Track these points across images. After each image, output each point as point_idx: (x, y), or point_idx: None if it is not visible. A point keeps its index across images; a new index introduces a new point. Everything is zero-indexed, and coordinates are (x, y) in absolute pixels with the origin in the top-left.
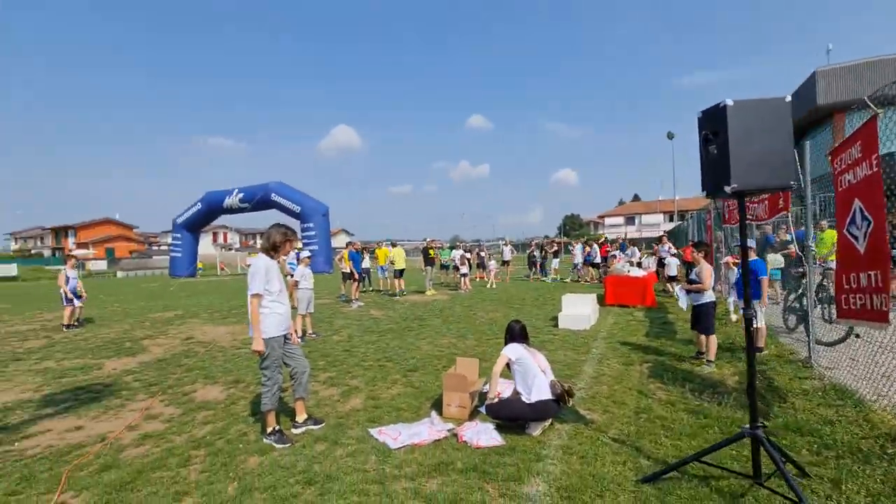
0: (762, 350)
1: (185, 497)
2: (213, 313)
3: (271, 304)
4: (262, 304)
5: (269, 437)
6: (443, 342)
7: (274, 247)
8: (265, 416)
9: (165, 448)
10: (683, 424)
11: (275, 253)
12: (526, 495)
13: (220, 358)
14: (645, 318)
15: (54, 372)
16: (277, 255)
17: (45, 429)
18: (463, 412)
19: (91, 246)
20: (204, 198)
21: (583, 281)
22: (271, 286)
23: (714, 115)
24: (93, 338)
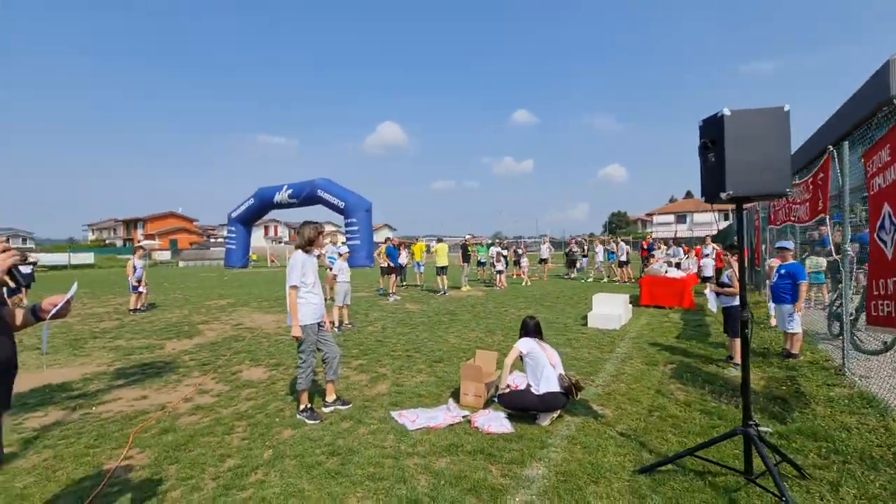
0: (797, 356)
1: (228, 459)
2: (261, 302)
3: (306, 295)
4: (298, 294)
5: (301, 414)
6: (470, 336)
7: (309, 242)
8: (300, 395)
9: (214, 418)
10: (694, 424)
11: (310, 247)
12: (525, 476)
13: (265, 343)
14: (680, 319)
15: (124, 350)
16: (312, 250)
17: (117, 397)
18: (478, 401)
19: (157, 237)
20: (256, 193)
21: (621, 280)
22: (307, 279)
23: (712, 123)
24: (157, 321)
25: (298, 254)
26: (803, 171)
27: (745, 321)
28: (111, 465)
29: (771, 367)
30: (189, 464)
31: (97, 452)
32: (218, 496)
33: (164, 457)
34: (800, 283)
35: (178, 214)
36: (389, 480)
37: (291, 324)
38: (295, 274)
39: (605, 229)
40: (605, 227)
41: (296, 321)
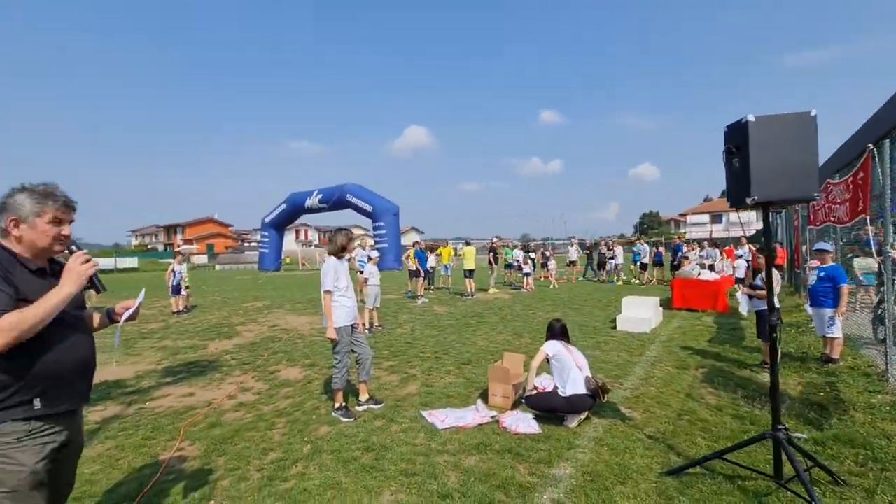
0: (836, 361)
1: (271, 452)
2: (294, 304)
3: (340, 299)
4: (332, 298)
5: (336, 412)
6: (498, 339)
7: (342, 248)
8: (335, 394)
9: (256, 414)
10: (725, 428)
11: (342, 253)
12: (552, 476)
13: (300, 344)
14: (714, 323)
15: (171, 349)
16: (343, 256)
17: (167, 393)
18: (506, 402)
19: (195, 242)
20: (288, 198)
21: (653, 282)
22: (340, 283)
23: (737, 130)
24: (199, 322)
25: (331, 259)
26: (844, 169)
27: (773, 325)
28: (166, 455)
29: (809, 372)
30: (235, 456)
31: (153, 444)
32: (263, 486)
33: (213, 449)
34: (840, 286)
35: (214, 220)
36: (421, 476)
37: (327, 326)
38: (328, 279)
39: (636, 230)
40: (635, 227)
41: (331, 323)
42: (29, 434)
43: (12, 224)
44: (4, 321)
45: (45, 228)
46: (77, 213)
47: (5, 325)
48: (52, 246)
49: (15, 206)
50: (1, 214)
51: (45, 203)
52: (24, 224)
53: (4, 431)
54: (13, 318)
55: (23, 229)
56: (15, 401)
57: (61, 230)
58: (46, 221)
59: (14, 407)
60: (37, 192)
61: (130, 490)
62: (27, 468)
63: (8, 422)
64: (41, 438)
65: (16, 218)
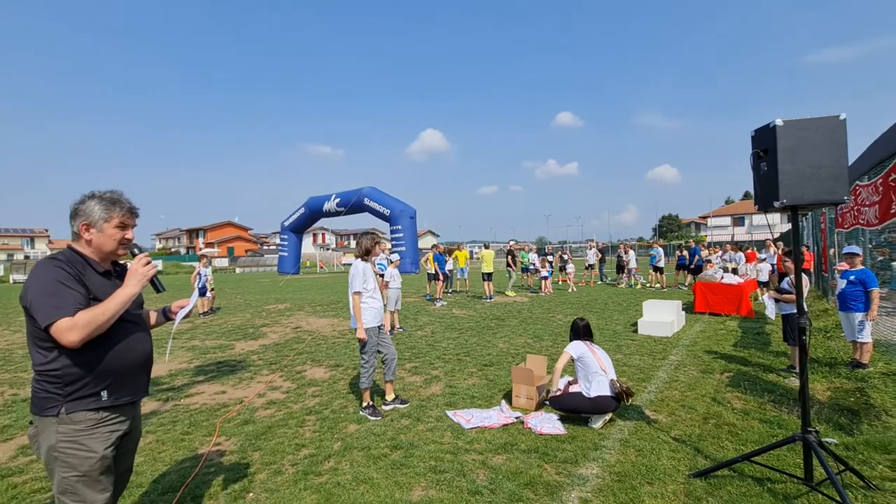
0: (866, 366)
1: (303, 448)
2: (315, 307)
3: (368, 300)
4: (361, 299)
5: (364, 411)
6: (518, 342)
7: (367, 251)
8: (362, 393)
9: (286, 412)
10: (752, 432)
11: (367, 257)
12: (579, 475)
13: (323, 345)
14: (738, 328)
15: (200, 349)
16: (369, 259)
17: (200, 391)
18: (531, 403)
19: (216, 245)
20: (307, 203)
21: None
22: (368, 285)
23: (764, 134)
24: (224, 324)
25: (358, 262)
26: (873, 171)
27: (802, 328)
28: (204, 449)
29: (838, 377)
30: (270, 451)
31: (191, 438)
32: (298, 480)
33: (248, 444)
34: (871, 290)
35: (234, 224)
36: (450, 473)
37: (356, 326)
38: (357, 281)
39: (655, 233)
40: (654, 230)
41: (360, 324)
42: (98, 423)
43: (84, 228)
44: (80, 318)
45: (112, 233)
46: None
47: (81, 322)
48: (117, 249)
49: (86, 211)
50: (74, 219)
51: (113, 209)
52: (94, 228)
53: (77, 420)
54: (87, 315)
55: (93, 233)
56: (85, 392)
57: (125, 234)
58: (113, 226)
59: (85, 398)
60: (105, 199)
61: (173, 481)
62: (98, 454)
63: (80, 411)
64: (109, 427)
65: (87, 223)
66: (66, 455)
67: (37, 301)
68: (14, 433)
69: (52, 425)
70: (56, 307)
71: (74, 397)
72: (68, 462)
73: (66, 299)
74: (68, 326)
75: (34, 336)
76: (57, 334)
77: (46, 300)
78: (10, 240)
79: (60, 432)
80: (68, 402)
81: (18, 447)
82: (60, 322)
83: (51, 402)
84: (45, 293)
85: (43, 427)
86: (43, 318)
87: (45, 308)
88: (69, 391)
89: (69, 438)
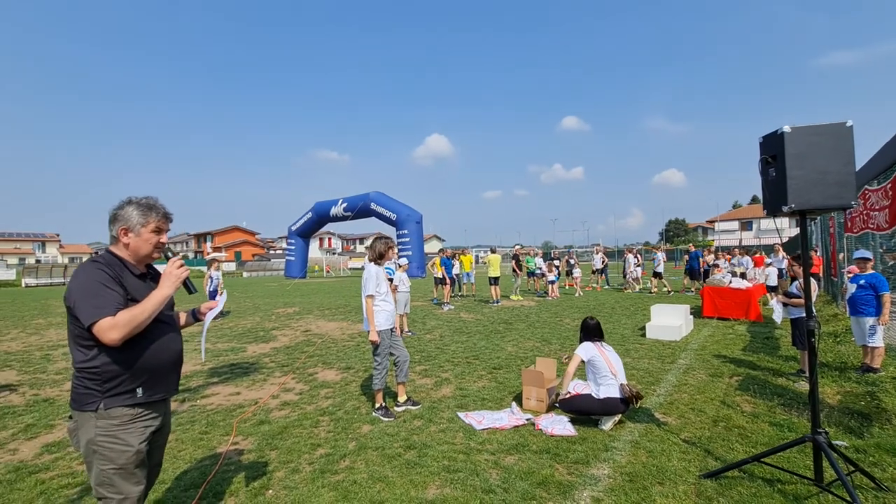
0: (877, 371)
1: (319, 448)
2: (323, 310)
3: (381, 303)
4: (374, 303)
5: (377, 412)
6: (527, 345)
7: (380, 255)
8: (375, 394)
9: (300, 413)
10: (762, 435)
11: (381, 261)
12: (591, 475)
13: (333, 348)
14: (747, 332)
15: (213, 352)
16: (382, 263)
17: (215, 392)
18: (541, 405)
19: (223, 249)
20: (314, 207)
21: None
22: (380, 288)
23: (772, 140)
24: (235, 327)
25: (371, 266)
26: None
27: (811, 330)
28: (223, 448)
29: (848, 381)
30: (286, 450)
31: (209, 437)
32: (315, 478)
33: (265, 444)
34: (882, 294)
35: (242, 228)
36: (464, 472)
37: (369, 329)
38: (371, 284)
39: (662, 237)
40: (661, 235)
41: (373, 327)
42: (134, 418)
43: (123, 232)
44: (121, 318)
45: (149, 237)
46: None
47: (121, 322)
48: (153, 252)
49: (125, 216)
50: (113, 224)
51: (150, 214)
52: (132, 233)
53: (114, 415)
54: (127, 315)
55: (131, 237)
56: (122, 389)
57: (160, 238)
58: (150, 230)
59: (122, 394)
60: (142, 205)
61: (195, 478)
62: (133, 447)
63: (117, 407)
64: (144, 422)
65: (126, 227)
66: (104, 448)
67: (80, 301)
68: (38, 432)
69: (90, 420)
70: (98, 307)
71: (112, 393)
72: (106, 455)
73: (108, 300)
74: (110, 325)
75: (76, 335)
76: (99, 333)
77: (89, 300)
78: (22, 244)
79: (99, 427)
80: (107, 398)
81: (43, 445)
82: (103, 321)
83: (90, 397)
84: (89, 294)
85: (82, 422)
86: (86, 317)
87: (89, 308)
88: (108, 387)
89: (107, 433)
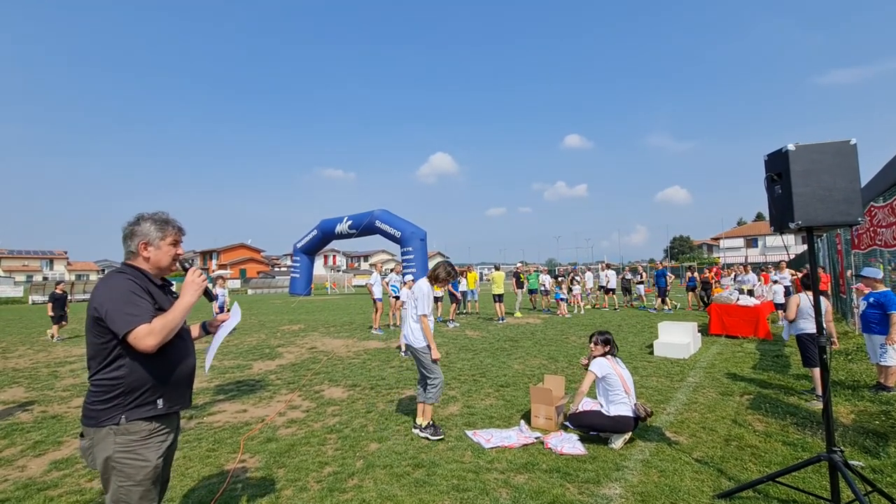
0: (891, 389)
1: (327, 466)
2: (329, 328)
3: (430, 322)
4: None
5: (424, 431)
6: (534, 363)
7: (436, 278)
8: (425, 408)
9: (307, 431)
10: (776, 454)
11: (434, 282)
12: (603, 495)
13: (339, 365)
14: (756, 350)
15: (219, 369)
16: (435, 285)
17: (221, 409)
18: (550, 424)
19: (229, 267)
20: (319, 225)
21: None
22: (429, 308)
23: (777, 158)
24: (241, 344)
25: (423, 283)
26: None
27: (822, 346)
28: (230, 466)
29: (862, 400)
30: (294, 468)
31: (217, 455)
32: (324, 496)
33: (273, 462)
34: (890, 313)
35: (247, 246)
36: (473, 492)
37: (430, 347)
38: (424, 303)
39: (667, 255)
40: (666, 252)
41: (433, 345)
42: (152, 433)
43: (142, 247)
44: (156, 324)
45: (168, 249)
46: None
47: (157, 328)
48: (171, 264)
49: (144, 232)
50: (131, 239)
51: (167, 228)
52: (151, 247)
53: (133, 430)
54: (161, 321)
55: (151, 251)
56: (144, 400)
57: (177, 250)
58: (168, 243)
59: (143, 406)
60: (158, 220)
61: (202, 496)
62: (151, 463)
63: (137, 420)
64: (160, 436)
65: (146, 241)
66: (123, 465)
67: (114, 311)
68: (46, 448)
69: (108, 437)
70: (133, 315)
71: (134, 405)
72: (125, 472)
73: (142, 308)
74: (146, 332)
75: (98, 344)
76: (136, 341)
77: (124, 308)
78: (29, 261)
79: (118, 443)
80: (129, 410)
81: (51, 462)
82: (139, 329)
83: (111, 411)
84: (122, 303)
85: (98, 439)
86: (122, 326)
87: (124, 316)
88: (130, 399)
89: (126, 448)
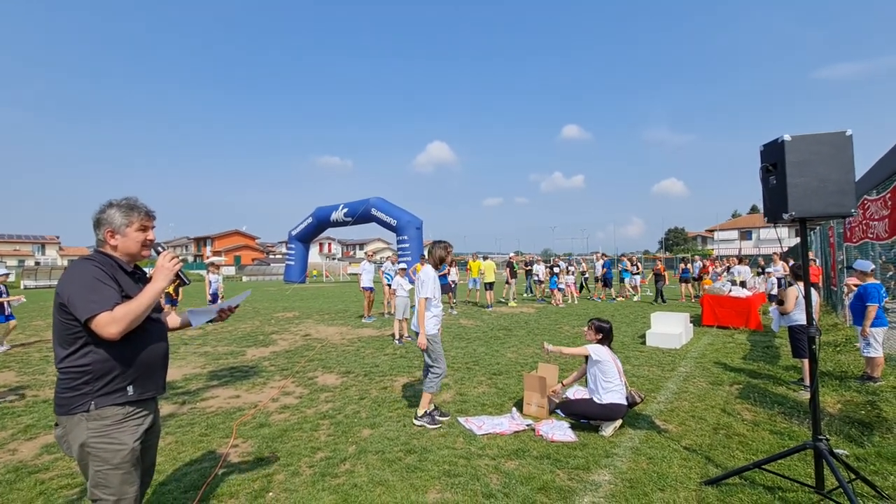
0: (876, 380)
1: (319, 451)
2: (323, 315)
3: (433, 308)
4: (427, 306)
5: (420, 419)
6: (527, 352)
7: (441, 260)
8: (424, 397)
9: (300, 417)
10: (763, 443)
11: (440, 264)
12: (591, 481)
13: (333, 353)
14: (747, 341)
15: (212, 355)
16: (441, 267)
17: (214, 395)
18: (541, 412)
19: (223, 254)
20: (314, 213)
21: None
22: (436, 293)
23: (773, 148)
24: (234, 331)
25: (430, 269)
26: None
27: (812, 337)
28: (223, 450)
29: (848, 390)
30: (286, 453)
31: (209, 440)
32: (315, 481)
33: (265, 447)
34: (867, 305)
35: (242, 232)
36: (464, 477)
37: (419, 332)
38: (428, 287)
39: (662, 246)
40: (661, 243)
41: (423, 331)
42: (125, 417)
43: (109, 235)
44: (118, 312)
45: (135, 236)
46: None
47: (119, 315)
48: (141, 250)
49: (109, 219)
50: (98, 228)
51: (132, 214)
52: (118, 234)
53: (106, 415)
54: (124, 309)
55: (118, 238)
56: (113, 387)
57: (147, 236)
58: (135, 230)
59: (113, 393)
60: (123, 206)
61: (194, 480)
62: (128, 446)
63: (108, 406)
64: (135, 420)
65: (112, 229)
66: (98, 449)
67: (76, 296)
68: (37, 432)
69: (81, 423)
70: (95, 302)
71: (103, 392)
72: (101, 456)
73: (105, 295)
74: (108, 320)
75: (64, 332)
76: (98, 328)
77: (86, 295)
78: (21, 246)
79: (91, 429)
80: (97, 398)
81: (42, 445)
82: (101, 316)
83: (80, 399)
84: (85, 289)
85: (71, 426)
86: (83, 312)
87: (86, 303)
88: (98, 386)
89: (99, 433)
